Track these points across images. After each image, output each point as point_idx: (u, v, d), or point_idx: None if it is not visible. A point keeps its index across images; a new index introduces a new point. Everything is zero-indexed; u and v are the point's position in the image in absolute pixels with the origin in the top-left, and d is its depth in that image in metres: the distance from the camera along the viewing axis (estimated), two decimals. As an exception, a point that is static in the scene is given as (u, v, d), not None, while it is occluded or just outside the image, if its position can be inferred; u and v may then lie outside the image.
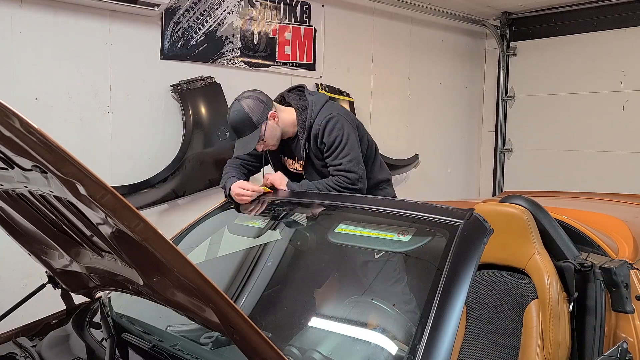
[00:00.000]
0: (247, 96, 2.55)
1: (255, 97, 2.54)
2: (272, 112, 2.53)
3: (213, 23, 4.09)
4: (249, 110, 2.49)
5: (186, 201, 4.02)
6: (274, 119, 2.54)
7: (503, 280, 2.16)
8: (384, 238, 2.00)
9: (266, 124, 2.51)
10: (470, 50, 6.27)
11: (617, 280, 1.98)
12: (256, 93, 2.58)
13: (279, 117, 2.57)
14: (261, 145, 2.57)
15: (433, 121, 5.93)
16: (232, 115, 2.53)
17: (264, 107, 2.51)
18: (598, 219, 2.68)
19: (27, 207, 1.59)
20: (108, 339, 1.74)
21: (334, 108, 2.62)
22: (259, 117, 2.50)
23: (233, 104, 2.56)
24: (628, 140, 5.39)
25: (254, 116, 2.49)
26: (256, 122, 2.49)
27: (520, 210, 2.09)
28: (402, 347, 1.69)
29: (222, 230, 2.64)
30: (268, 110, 2.52)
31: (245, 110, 2.49)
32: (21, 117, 1.02)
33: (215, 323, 1.34)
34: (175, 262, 1.22)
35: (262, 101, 2.53)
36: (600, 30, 5.53)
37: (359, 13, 5.08)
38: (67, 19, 3.47)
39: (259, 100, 2.53)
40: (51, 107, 3.44)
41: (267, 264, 2.46)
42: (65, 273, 1.94)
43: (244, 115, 2.49)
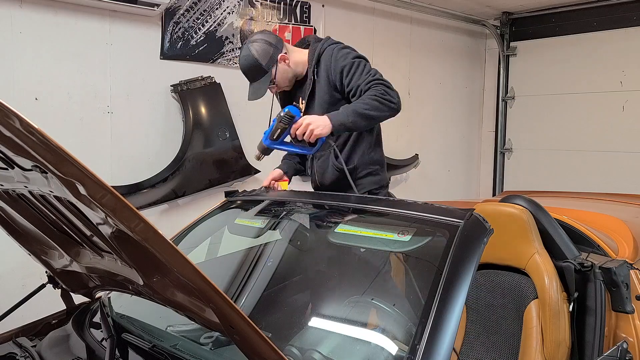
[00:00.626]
0: (256, 39, 2.50)
1: (264, 40, 2.49)
2: (281, 55, 2.49)
3: (213, 23, 4.10)
4: (258, 55, 2.45)
5: (186, 201, 4.02)
6: (284, 61, 2.50)
7: (503, 280, 2.16)
8: (384, 238, 1.99)
9: (276, 66, 2.48)
10: (470, 50, 6.27)
11: (617, 280, 1.98)
12: (265, 35, 2.53)
13: (290, 58, 2.52)
14: (274, 88, 2.54)
15: (433, 121, 5.93)
16: (242, 61, 2.50)
17: (273, 50, 2.47)
18: (598, 219, 2.69)
19: (27, 207, 1.59)
20: (108, 339, 1.74)
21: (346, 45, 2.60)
22: (269, 60, 2.46)
23: (242, 48, 2.51)
24: (628, 140, 5.39)
25: (264, 60, 2.45)
26: (266, 66, 2.46)
27: (520, 210, 2.09)
28: (402, 347, 1.69)
29: (222, 230, 2.63)
30: (278, 53, 2.48)
31: (254, 55, 2.45)
32: (21, 117, 1.02)
33: (215, 323, 1.34)
34: (175, 262, 1.22)
35: (271, 44, 2.48)
36: (600, 30, 5.53)
37: (359, 13, 5.08)
38: (67, 19, 3.47)
39: (267, 43, 2.48)
40: (51, 107, 3.44)
41: (267, 264, 2.46)
42: (65, 273, 1.94)
43: (253, 61, 2.45)
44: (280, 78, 2.51)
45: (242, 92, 4.07)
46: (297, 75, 2.58)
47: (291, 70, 2.54)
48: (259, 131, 3.16)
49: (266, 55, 2.45)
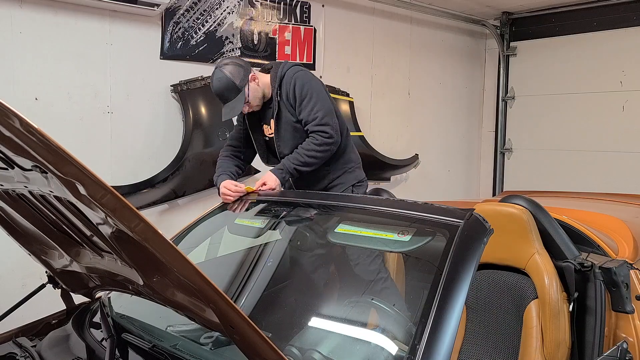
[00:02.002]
0: (227, 63, 2.67)
1: (235, 62, 2.68)
2: (252, 75, 2.67)
3: (213, 23, 4.10)
4: (231, 75, 2.62)
5: (186, 201, 4.02)
6: (254, 80, 2.68)
7: (503, 280, 2.16)
8: (384, 238, 1.99)
9: (248, 86, 2.65)
10: (470, 50, 6.27)
11: (617, 280, 1.98)
12: (234, 59, 2.73)
13: (260, 79, 2.71)
14: (246, 107, 2.69)
15: (433, 121, 5.93)
16: (215, 83, 2.64)
17: (244, 72, 2.65)
18: (598, 219, 2.68)
19: (27, 207, 1.59)
20: (108, 339, 1.74)
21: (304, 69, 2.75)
22: (242, 80, 2.63)
23: (214, 72, 2.66)
24: (628, 140, 5.39)
25: (237, 80, 2.62)
26: (239, 85, 2.62)
27: (520, 210, 2.08)
28: (402, 347, 1.69)
29: (222, 230, 2.64)
30: (248, 73, 2.66)
31: (228, 76, 2.61)
32: (21, 117, 1.02)
33: (215, 323, 1.34)
34: (175, 262, 1.22)
35: (242, 65, 2.67)
36: (600, 30, 5.53)
37: (359, 13, 5.08)
38: (67, 19, 3.47)
39: (238, 65, 2.66)
40: (51, 107, 3.44)
41: (267, 264, 2.46)
42: (65, 273, 1.94)
43: (228, 81, 2.61)
44: (252, 97, 2.68)
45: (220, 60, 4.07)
46: (265, 96, 2.75)
47: (261, 90, 2.71)
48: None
49: (239, 75, 2.63)
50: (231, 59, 2.73)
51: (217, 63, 2.70)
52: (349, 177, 2.80)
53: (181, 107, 3.93)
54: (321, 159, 2.64)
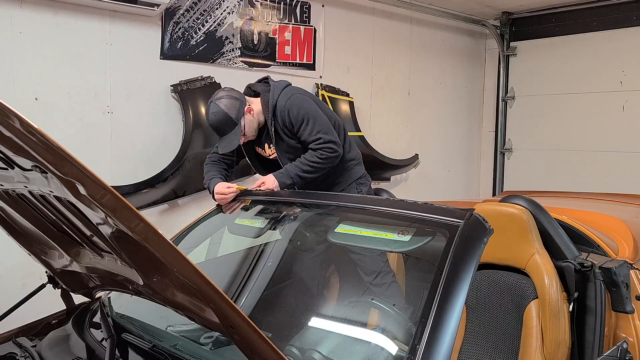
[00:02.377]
0: (222, 96, 2.68)
1: (229, 95, 2.68)
2: (247, 107, 2.68)
3: (213, 23, 4.10)
4: (227, 109, 2.63)
5: (186, 201, 4.02)
6: (250, 112, 2.69)
7: (503, 280, 2.16)
8: (384, 238, 2.00)
9: (244, 119, 2.66)
10: (470, 50, 6.27)
11: (617, 280, 1.98)
12: (228, 91, 2.72)
13: (254, 110, 2.71)
14: (242, 138, 2.71)
15: (433, 121, 5.93)
16: (211, 117, 2.65)
17: (239, 104, 2.65)
18: (598, 219, 2.68)
19: (27, 207, 1.59)
20: (108, 339, 1.74)
21: (294, 89, 2.76)
22: (237, 113, 2.64)
23: (209, 106, 2.68)
24: (628, 140, 5.39)
25: (233, 114, 2.63)
26: (235, 119, 2.64)
27: (520, 210, 2.08)
28: (402, 347, 1.69)
29: (222, 230, 2.64)
30: (244, 106, 2.66)
31: (223, 110, 2.63)
32: (21, 117, 1.02)
33: (215, 323, 1.34)
34: (175, 262, 1.22)
35: (237, 98, 2.67)
36: (600, 30, 5.52)
37: (359, 13, 5.08)
38: (67, 19, 3.47)
39: (233, 98, 2.66)
40: (51, 107, 3.44)
41: (267, 264, 2.46)
42: (65, 273, 1.94)
43: (224, 115, 2.63)
44: (248, 129, 2.70)
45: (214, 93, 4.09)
46: (260, 123, 2.76)
47: (256, 120, 2.73)
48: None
49: (234, 108, 2.64)
50: (226, 91, 2.73)
51: (212, 96, 2.71)
52: (350, 174, 2.84)
53: (181, 107, 3.93)
54: (324, 170, 2.69)
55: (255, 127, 2.73)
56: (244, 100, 2.69)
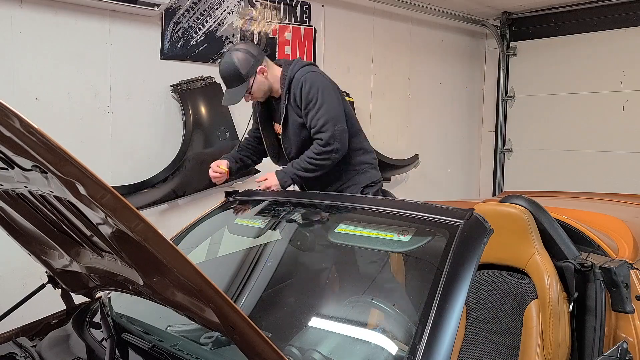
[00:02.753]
0: (239, 48, 2.62)
1: (247, 50, 2.61)
2: (261, 67, 2.60)
3: (213, 23, 4.10)
4: (239, 63, 2.57)
5: (186, 201, 4.02)
6: (263, 73, 2.61)
7: (503, 280, 2.16)
8: (384, 238, 1.99)
9: (255, 77, 2.60)
10: (470, 50, 6.27)
11: (617, 280, 1.97)
12: (248, 46, 2.66)
13: (269, 73, 2.64)
14: (248, 97, 2.66)
15: (433, 121, 5.93)
16: (222, 67, 2.61)
17: (253, 62, 2.58)
18: (598, 219, 2.68)
19: (27, 207, 1.59)
20: (108, 339, 1.74)
21: (315, 68, 2.70)
22: (248, 70, 2.57)
23: (225, 54, 2.63)
24: (628, 140, 5.39)
25: (243, 70, 2.57)
26: (245, 75, 2.58)
27: (520, 210, 2.08)
28: (402, 347, 1.69)
29: (222, 230, 2.64)
30: (257, 65, 2.59)
31: (235, 62, 2.57)
32: (21, 117, 1.02)
33: (215, 323, 1.34)
34: (175, 262, 1.22)
35: (253, 55, 2.60)
36: (600, 30, 5.53)
37: (359, 13, 5.08)
38: (67, 19, 3.47)
39: (249, 54, 2.59)
40: (51, 107, 3.44)
41: (267, 264, 2.46)
42: (65, 273, 1.94)
43: (234, 68, 2.57)
44: (256, 89, 2.63)
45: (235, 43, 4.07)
46: (273, 91, 2.70)
47: (267, 83, 2.66)
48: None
49: (247, 65, 2.57)
50: (245, 44, 2.68)
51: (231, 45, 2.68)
52: (362, 178, 2.74)
53: (181, 107, 3.93)
54: (322, 166, 2.58)
55: (264, 89, 2.65)
56: (260, 59, 2.61)
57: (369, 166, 2.79)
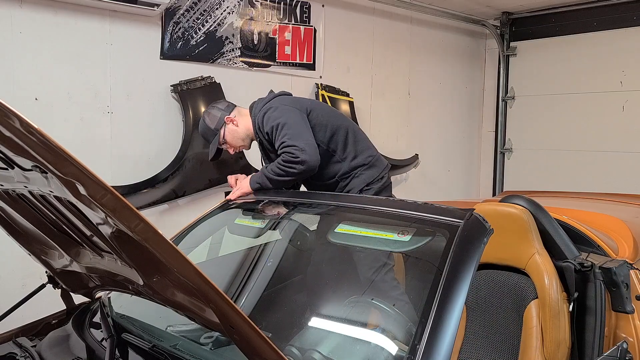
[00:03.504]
0: (209, 108, 2.88)
1: (216, 107, 2.85)
2: (227, 117, 2.79)
3: (213, 23, 4.09)
4: (209, 120, 2.81)
5: (186, 201, 4.02)
6: (232, 122, 2.79)
7: (503, 280, 2.16)
8: (384, 238, 2.00)
9: (224, 128, 2.79)
10: (470, 50, 6.27)
11: (617, 280, 1.98)
12: (218, 103, 2.90)
13: (240, 121, 2.79)
14: (229, 147, 2.84)
15: (433, 121, 5.93)
16: (199, 128, 2.89)
17: (220, 114, 2.80)
18: (598, 219, 2.68)
19: (27, 207, 1.59)
20: (108, 339, 1.74)
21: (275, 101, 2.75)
22: (217, 123, 2.79)
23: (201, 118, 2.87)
24: (628, 140, 5.39)
25: (212, 124, 2.80)
26: (214, 129, 2.79)
27: (520, 210, 2.08)
28: (402, 347, 1.69)
29: (222, 230, 2.64)
30: (224, 116, 2.78)
31: (205, 121, 2.83)
32: (21, 117, 1.02)
33: (215, 323, 1.34)
34: (175, 262, 1.22)
35: (220, 109, 2.83)
36: (600, 30, 5.53)
37: (359, 13, 5.08)
38: (67, 19, 3.47)
39: (217, 109, 2.83)
40: (51, 107, 3.44)
41: (267, 264, 2.46)
42: (65, 273, 1.94)
43: (205, 126, 2.83)
44: (230, 138, 2.81)
45: (242, 92, 4.10)
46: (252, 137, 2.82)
47: (241, 130, 2.80)
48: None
49: (215, 118, 2.81)
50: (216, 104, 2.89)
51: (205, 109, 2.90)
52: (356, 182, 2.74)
53: (181, 107, 3.93)
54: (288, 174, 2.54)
55: (240, 136, 2.80)
56: (227, 111, 2.80)
57: (363, 168, 2.76)
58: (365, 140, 2.87)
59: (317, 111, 2.74)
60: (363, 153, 2.80)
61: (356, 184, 2.73)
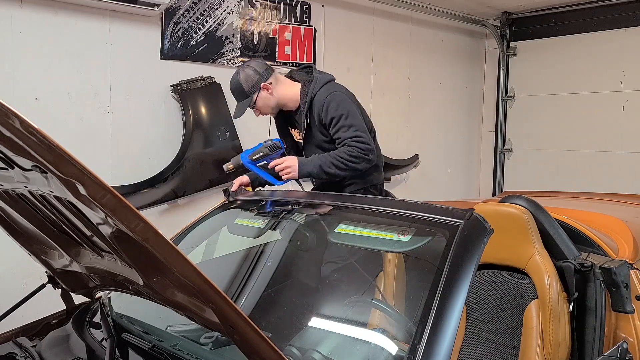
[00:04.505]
0: (247, 65, 2.74)
1: (253, 67, 2.72)
2: (264, 84, 2.68)
3: (213, 23, 4.10)
4: (243, 80, 2.68)
5: (186, 201, 4.02)
6: (267, 90, 2.69)
7: (503, 280, 2.16)
8: (384, 238, 1.99)
9: (258, 94, 2.68)
10: (470, 50, 6.27)
11: (617, 280, 1.97)
12: (255, 64, 2.75)
13: (276, 89, 2.71)
14: (257, 112, 2.76)
15: (433, 121, 5.93)
16: (231, 81, 2.74)
17: (257, 78, 2.68)
18: (598, 219, 2.68)
19: (27, 207, 1.59)
20: (108, 339, 1.74)
21: (337, 86, 2.72)
22: (251, 87, 2.68)
23: (236, 70, 2.74)
24: (628, 140, 5.39)
25: (247, 86, 2.68)
26: (248, 91, 2.68)
27: (520, 210, 2.08)
28: (402, 347, 1.69)
29: (222, 230, 2.64)
30: (261, 82, 2.67)
31: (239, 79, 2.69)
32: (21, 117, 1.02)
33: (215, 323, 1.34)
34: (175, 262, 1.21)
35: (258, 72, 2.69)
36: (600, 30, 5.52)
37: (359, 13, 5.08)
38: (67, 19, 3.47)
39: (254, 70, 2.70)
40: (51, 107, 3.44)
41: (267, 264, 2.46)
42: (65, 273, 1.94)
43: (238, 84, 2.70)
44: (261, 104, 2.72)
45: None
46: (284, 106, 2.76)
47: (274, 99, 2.72)
48: (259, 132, 3.17)
49: (250, 81, 2.68)
50: (254, 61, 2.77)
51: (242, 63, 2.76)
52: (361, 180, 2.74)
53: (181, 107, 3.93)
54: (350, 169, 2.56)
55: (271, 105, 2.71)
56: (265, 76, 2.68)
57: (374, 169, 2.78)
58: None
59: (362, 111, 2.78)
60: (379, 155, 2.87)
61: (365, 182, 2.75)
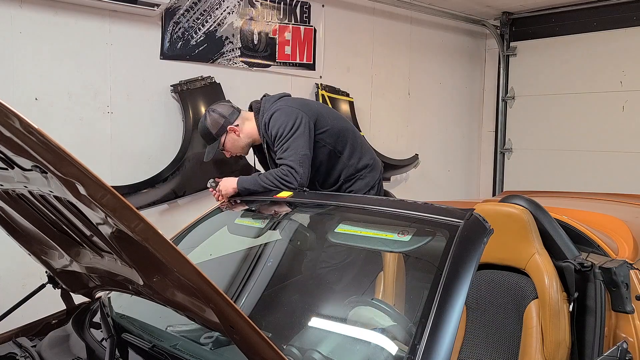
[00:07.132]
0: (214, 109, 2.79)
1: (219, 112, 2.77)
2: (231, 127, 2.74)
3: (213, 23, 4.10)
4: (210, 124, 2.76)
5: (186, 201, 4.02)
6: (234, 132, 2.75)
7: (503, 280, 2.16)
8: (384, 238, 2.00)
9: (226, 136, 2.75)
10: (470, 50, 6.27)
11: (617, 280, 1.97)
12: (221, 108, 2.79)
13: (243, 130, 2.77)
14: (227, 153, 2.84)
15: (433, 121, 5.93)
16: (199, 125, 2.83)
17: (223, 122, 2.74)
18: (598, 219, 2.68)
19: (27, 207, 1.59)
20: (108, 339, 1.74)
21: (283, 102, 2.73)
22: (218, 130, 2.75)
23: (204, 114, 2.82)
24: (628, 140, 5.39)
25: (214, 130, 2.76)
26: (215, 134, 2.76)
27: (520, 210, 2.08)
28: (402, 347, 1.69)
29: (222, 230, 2.64)
30: (227, 124, 2.73)
31: (207, 123, 2.77)
32: (21, 117, 1.02)
33: (215, 323, 1.34)
34: (175, 262, 1.22)
35: (224, 116, 2.75)
36: (600, 30, 5.52)
37: (359, 13, 5.08)
38: (67, 19, 3.47)
39: (220, 115, 2.75)
40: (51, 107, 3.44)
41: (267, 264, 2.46)
42: (65, 273, 1.94)
43: (205, 128, 2.79)
44: (230, 146, 2.80)
45: (242, 92, 4.09)
46: (255, 142, 2.82)
47: (243, 140, 2.79)
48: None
49: (216, 125, 2.75)
50: (220, 106, 2.82)
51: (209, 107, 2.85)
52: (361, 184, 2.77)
53: (181, 107, 3.93)
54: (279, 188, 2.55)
55: (240, 145, 2.80)
56: (231, 119, 2.74)
57: (367, 171, 2.79)
58: (366, 143, 2.89)
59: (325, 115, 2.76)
60: (366, 155, 2.83)
61: (361, 186, 2.76)
